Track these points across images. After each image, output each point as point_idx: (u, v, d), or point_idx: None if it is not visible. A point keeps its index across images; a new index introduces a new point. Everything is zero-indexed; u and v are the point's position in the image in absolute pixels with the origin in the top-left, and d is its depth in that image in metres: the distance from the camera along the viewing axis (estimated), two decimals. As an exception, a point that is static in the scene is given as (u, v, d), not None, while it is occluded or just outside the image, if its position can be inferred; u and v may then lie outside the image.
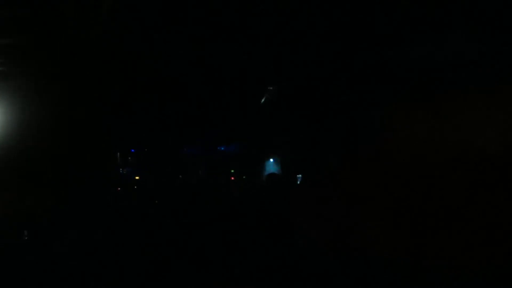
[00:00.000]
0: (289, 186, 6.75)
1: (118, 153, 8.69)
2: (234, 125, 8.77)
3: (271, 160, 9.72)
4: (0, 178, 6.08)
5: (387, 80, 4.53)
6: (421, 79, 4.06)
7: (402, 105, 3.76)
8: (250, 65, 6.38)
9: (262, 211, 5.55)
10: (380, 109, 4.08)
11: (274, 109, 7.56)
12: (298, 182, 7.50)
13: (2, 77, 5.58)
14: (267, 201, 5.98)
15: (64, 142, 7.01)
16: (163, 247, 5.31)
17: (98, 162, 7.64)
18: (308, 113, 6.47)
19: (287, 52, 5.74)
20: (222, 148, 10.17)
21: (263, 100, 7.74)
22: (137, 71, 6.40)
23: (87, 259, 4.97)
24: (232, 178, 10.00)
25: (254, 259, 4.60)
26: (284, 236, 4.64)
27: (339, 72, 5.45)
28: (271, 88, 7.49)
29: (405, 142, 3.56)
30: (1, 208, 5.81)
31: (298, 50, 5.63)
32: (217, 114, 8.21)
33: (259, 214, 5.52)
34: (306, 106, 6.51)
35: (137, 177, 9.14)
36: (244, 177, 9.85)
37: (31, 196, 6.17)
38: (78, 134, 7.17)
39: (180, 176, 9.71)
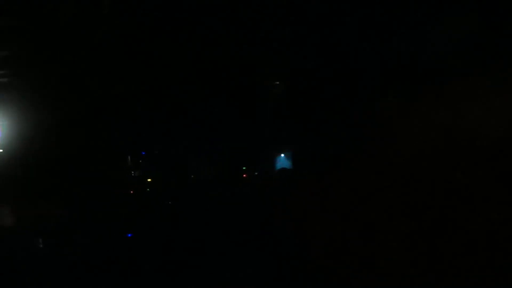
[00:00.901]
0: (300, 181, 6.70)
1: (129, 156, 8.70)
2: (244, 121, 8.73)
3: (282, 155, 9.65)
4: (10, 182, 6.11)
5: (398, 74, 4.45)
6: (429, 73, 3.97)
7: (414, 97, 3.68)
8: (259, 59, 6.34)
9: (275, 206, 5.52)
10: (391, 102, 4.01)
11: (284, 104, 7.51)
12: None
13: (9, 90, 5.61)
14: (279, 195, 5.94)
15: (75, 146, 7.04)
16: (175, 247, 5.30)
17: (109, 166, 7.67)
18: (318, 108, 6.41)
19: (296, 45, 5.68)
20: (233, 145, 10.12)
21: (273, 95, 7.70)
22: (146, 72, 6.39)
23: (96, 260, 4.98)
24: (245, 176, 9.96)
25: (264, 257, 4.57)
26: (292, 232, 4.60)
27: (350, 65, 5.39)
28: (279, 83, 7.43)
29: (420, 135, 3.48)
30: (11, 212, 5.85)
31: (307, 42, 5.57)
32: (227, 110, 8.18)
33: (271, 209, 5.49)
34: (316, 100, 6.45)
35: (149, 179, 9.14)
36: (256, 173, 9.80)
37: (40, 200, 6.21)
38: (89, 138, 7.20)
39: (192, 176, 9.69)
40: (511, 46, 3.42)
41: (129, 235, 6.00)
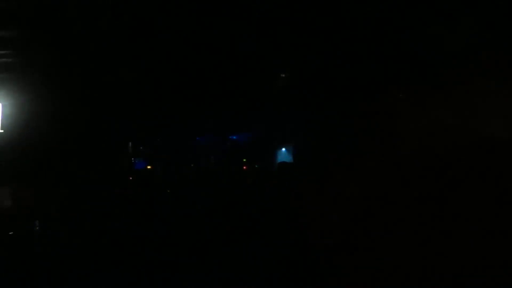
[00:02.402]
0: (300, 175, 6.69)
1: (130, 143, 8.72)
2: (246, 114, 8.73)
3: (283, 149, 9.65)
4: (11, 171, 6.12)
5: (401, 71, 4.43)
6: (434, 68, 3.95)
7: (416, 95, 3.66)
8: (262, 53, 6.32)
9: (274, 200, 5.51)
10: (393, 99, 3.98)
11: (287, 98, 7.49)
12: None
13: (11, 71, 5.60)
14: (279, 189, 5.93)
15: (76, 133, 7.04)
16: (172, 238, 5.29)
17: (110, 152, 7.68)
18: (321, 102, 6.39)
19: (300, 39, 5.65)
20: (234, 137, 10.14)
21: (276, 88, 7.67)
22: (149, 60, 6.37)
23: (96, 250, 4.97)
24: (245, 168, 9.98)
25: (262, 252, 4.56)
26: (293, 227, 4.59)
27: (353, 60, 5.36)
28: (283, 75, 7.40)
29: (422, 134, 3.46)
30: (12, 201, 5.86)
31: (312, 36, 5.54)
32: (230, 102, 8.16)
33: (271, 203, 5.47)
34: (318, 94, 6.43)
35: (149, 167, 9.17)
36: (256, 166, 9.82)
37: (41, 186, 6.20)
38: (90, 124, 7.20)
39: (192, 165, 9.72)
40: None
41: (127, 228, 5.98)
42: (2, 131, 5.70)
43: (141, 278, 4.36)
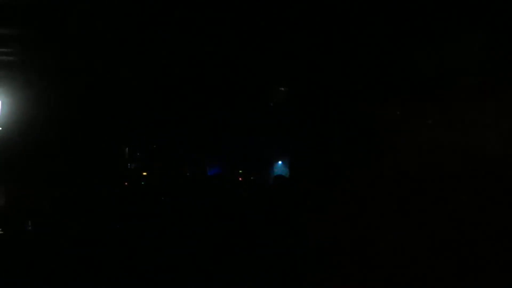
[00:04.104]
0: (296, 189, 6.69)
1: (127, 148, 8.69)
2: (243, 125, 8.74)
3: (280, 162, 9.67)
4: (7, 173, 6.07)
5: (397, 82, 4.46)
6: (430, 80, 3.99)
7: (412, 106, 3.69)
8: (261, 66, 6.35)
9: (269, 212, 5.49)
10: (389, 111, 4.01)
11: (284, 111, 7.51)
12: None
13: (10, 69, 5.59)
14: (273, 202, 5.92)
15: (72, 136, 7.01)
16: (166, 244, 5.26)
17: (106, 156, 7.64)
18: (318, 116, 6.41)
19: (298, 53, 5.69)
20: (231, 148, 10.13)
21: (274, 101, 7.69)
22: (149, 66, 6.38)
23: (90, 253, 4.93)
24: (240, 179, 9.95)
25: (257, 261, 4.53)
26: (288, 237, 4.57)
27: (349, 74, 5.39)
28: (282, 89, 7.43)
29: (415, 144, 3.48)
30: (8, 202, 5.80)
31: (309, 51, 5.58)
32: (227, 114, 8.18)
33: (265, 214, 5.46)
34: (315, 108, 6.45)
35: (144, 173, 9.13)
36: (252, 178, 9.80)
37: (35, 190, 6.15)
38: (86, 128, 7.17)
39: (188, 174, 9.68)
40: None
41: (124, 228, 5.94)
42: (0, 128, 5.67)
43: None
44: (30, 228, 5.61)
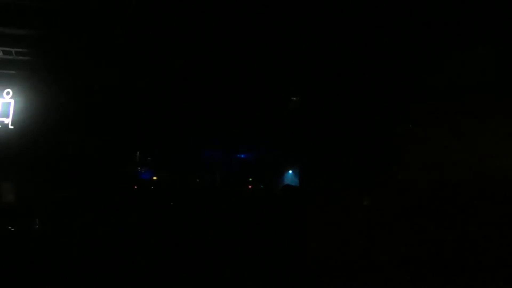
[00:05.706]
0: (305, 199, 6.64)
1: (138, 153, 8.73)
2: (256, 134, 8.73)
3: (290, 171, 9.61)
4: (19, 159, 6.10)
5: (409, 96, 4.41)
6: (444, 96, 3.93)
7: (424, 119, 3.64)
8: (275, 76, 6.35)
9: (276, 221, 5.45)
10: (402, 124, 3.96)
11: (297, 120, 7.48)
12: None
13: (26, 69, 5.65)
14: (281, 211, 5.87)
15: (85, 139, 7.06)
16: (172, 247, 5.26)
17: (117, 160, 7.68)
18: (330, 126, 6.37)
19: (312, 63, 5.68)
20: (242, 156, 10.12)
21: (287, 110, 7.67)
22: (163, 71, 6.42)
23: (97, 253, 4.95)
24: (250, 187, 9.91)
25: (262, 267, 4.50)
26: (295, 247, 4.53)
27: (362, 85, 5.36)
28: (295, 98, 7.42)
29: (426, 157, 3.43)
30: (19, 201, 5.85)
31: (324, 61, 5.56)
32: (241, 122, 8.18)
33: (272, 223, 5.42)
34: (328, 119, 6.41)
35: (154, 177, 9.16)
36: (261, 186, 9.75)
37: (46, 190, 6.19)
38: (99, 132, 7.22)
39: (198, 180, 9.68)
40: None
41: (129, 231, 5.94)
42: (12, 127, 5.74)
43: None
44: (37, 226, 5.66)
